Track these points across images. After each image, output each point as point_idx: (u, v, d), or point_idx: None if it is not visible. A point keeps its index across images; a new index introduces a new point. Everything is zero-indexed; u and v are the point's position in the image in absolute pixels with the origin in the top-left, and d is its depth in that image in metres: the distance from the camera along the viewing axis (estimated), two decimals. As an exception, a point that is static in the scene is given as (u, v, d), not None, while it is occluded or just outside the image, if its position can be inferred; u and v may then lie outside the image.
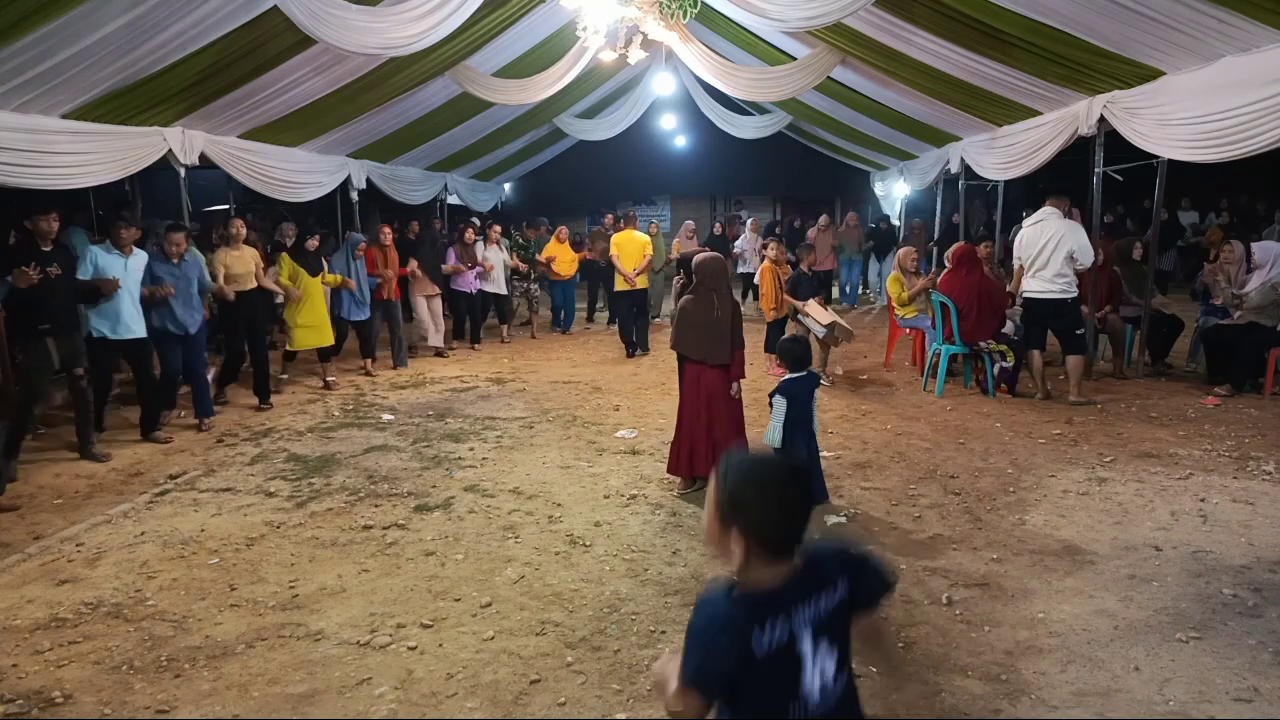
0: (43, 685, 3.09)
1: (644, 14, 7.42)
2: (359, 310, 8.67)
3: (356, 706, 2.94)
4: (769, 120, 13.61)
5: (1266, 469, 5.17)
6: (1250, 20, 4.74)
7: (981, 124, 9.27)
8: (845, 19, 6.45)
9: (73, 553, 4.31)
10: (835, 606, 1.56)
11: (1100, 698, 2.90)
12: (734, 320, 4.89)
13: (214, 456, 5.99)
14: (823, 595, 1.55)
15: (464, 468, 5.64)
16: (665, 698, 1.56)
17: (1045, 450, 5.73)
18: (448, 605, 3.68)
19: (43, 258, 5.43)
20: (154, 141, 6.68)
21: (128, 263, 6.03)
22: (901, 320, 8.39)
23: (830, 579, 1.57)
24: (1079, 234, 6.88)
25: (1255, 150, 5.12)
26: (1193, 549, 4.08)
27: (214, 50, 5.82)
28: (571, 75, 8.99)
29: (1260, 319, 6.98)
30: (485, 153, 13.42)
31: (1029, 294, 7.02)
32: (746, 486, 1.54)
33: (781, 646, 1.49)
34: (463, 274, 10.07)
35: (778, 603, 1.51)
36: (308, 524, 4.66)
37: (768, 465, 1.60)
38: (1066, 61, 6.48)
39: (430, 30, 6.08)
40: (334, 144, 9.51)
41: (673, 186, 23.18)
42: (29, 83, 5.10)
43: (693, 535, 4.41)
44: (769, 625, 1.49)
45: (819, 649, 1.53)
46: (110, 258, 5.93)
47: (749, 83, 9.65)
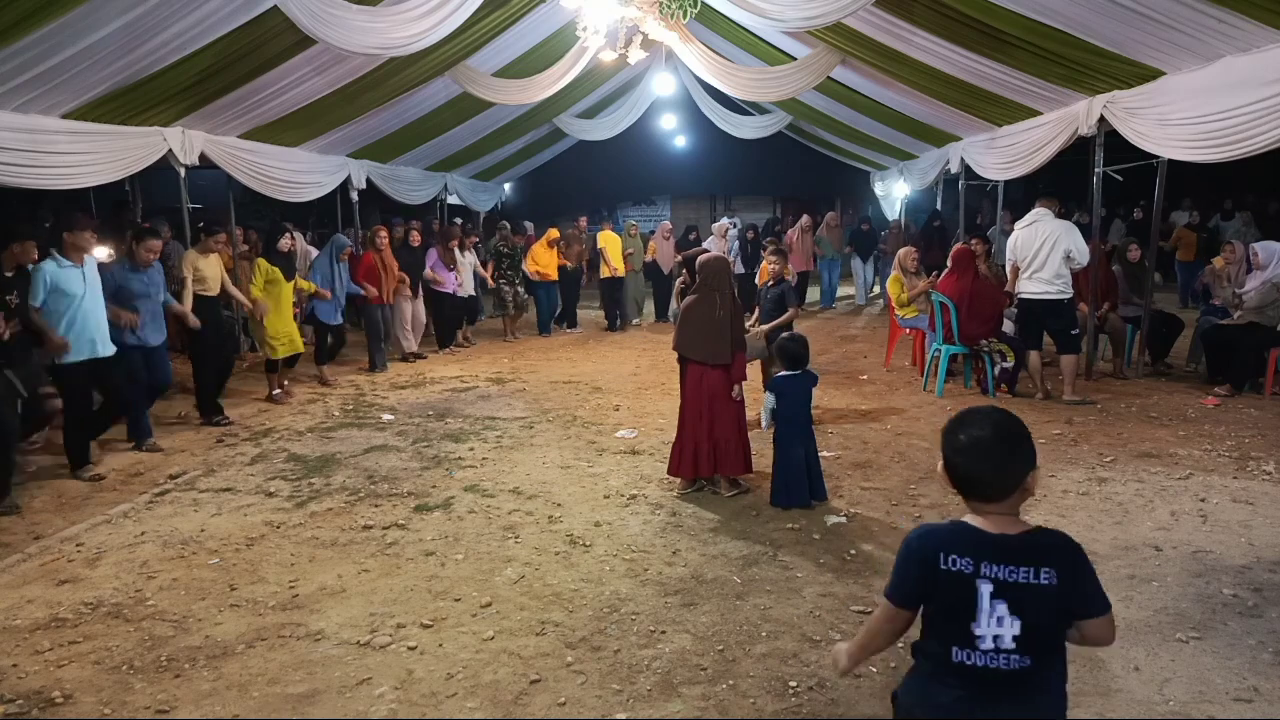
0: (43, 685, 3.09)
1: (644, 14, 7.43)
2: (334, 314, 8.41)
3: (356, 706, 2.94)
4: (769, 120, 13.62)
5: (1266, 469, 5.17)
6: (1250, 20, 4.74)
7: (981, 124, 9.27)
8: (845, 19, 6.46)
9: (73, 553, 4.31)
10: (1032, 585, 1.63)
11: (1100, 698, 2.90)
12: (735, 321, 4.89)
13: (214, 456, 5.99)
14: (1021, 568, 1.64)
15: (464, 468, 5.64)
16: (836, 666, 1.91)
17: (1045, 450, 5.72)
18: (448, 605, 3.67)
19: (3, 284, 4.97)
20: (154, 141, 6.68)
21: (84, 274, 5.34)
22: (901, 320, 8.39)
23: (1038, 561, 1.64)
24: (1074, 234, 6.88)
25: (1255, 150, 5.12)
26: (1193, 549, 4.08)
27: (214, 50, 5.82)
28: (571, 75, 8.99)
29: (1260, 319, 6.98)
30: (485, 153, 13.43)
31: (1026, 295, 7.02)
32: (946, 431, 1.74)
33: (961, 575, 1.66)
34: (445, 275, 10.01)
35: (975, 542, 1.67)
36: (308, 524, 4.66)
37: (969, 414, 1.74)
38: (1066, 61, 6.48)
39: (430, 30, 6.08)
40: (334, 144, 9.52)
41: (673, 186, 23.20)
42: (29, 83, 5.11)
43: (693, 535, 4.41)
44: (954, 557, 1.66)
45: (995, 608, 1.63)
46: (65, 272, 5.23)
47: (749, 83, 9.66)
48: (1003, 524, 1.69)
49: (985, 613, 1.64)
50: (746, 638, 3.34)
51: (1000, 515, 1.69)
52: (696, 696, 2.96)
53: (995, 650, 1.64)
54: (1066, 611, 1.67)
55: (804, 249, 13.56)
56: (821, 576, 3.86)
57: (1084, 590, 1.67)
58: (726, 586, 3.80)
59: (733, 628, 3.42)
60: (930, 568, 1.68)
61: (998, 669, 1.64)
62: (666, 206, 23.71)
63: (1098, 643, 1.75)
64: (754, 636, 3.36)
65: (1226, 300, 7.50)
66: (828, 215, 14.88)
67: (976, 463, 1.68)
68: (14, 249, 5.10)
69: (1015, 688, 1.66)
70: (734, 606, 3.60)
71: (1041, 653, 1.66)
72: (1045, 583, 1.63)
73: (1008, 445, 1.68)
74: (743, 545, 4.25)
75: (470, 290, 10.66)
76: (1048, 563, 1.64)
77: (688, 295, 5.06)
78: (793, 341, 4.93)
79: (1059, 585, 1.64)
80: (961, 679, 1.67)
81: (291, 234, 7.79)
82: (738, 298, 5.01)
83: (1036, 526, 1.71)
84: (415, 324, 9.89)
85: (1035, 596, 1.63)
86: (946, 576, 1.67)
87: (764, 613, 3.55)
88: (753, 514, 4.68)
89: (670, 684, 3.04)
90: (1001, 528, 1.68)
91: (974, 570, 1.65)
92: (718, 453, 4.88)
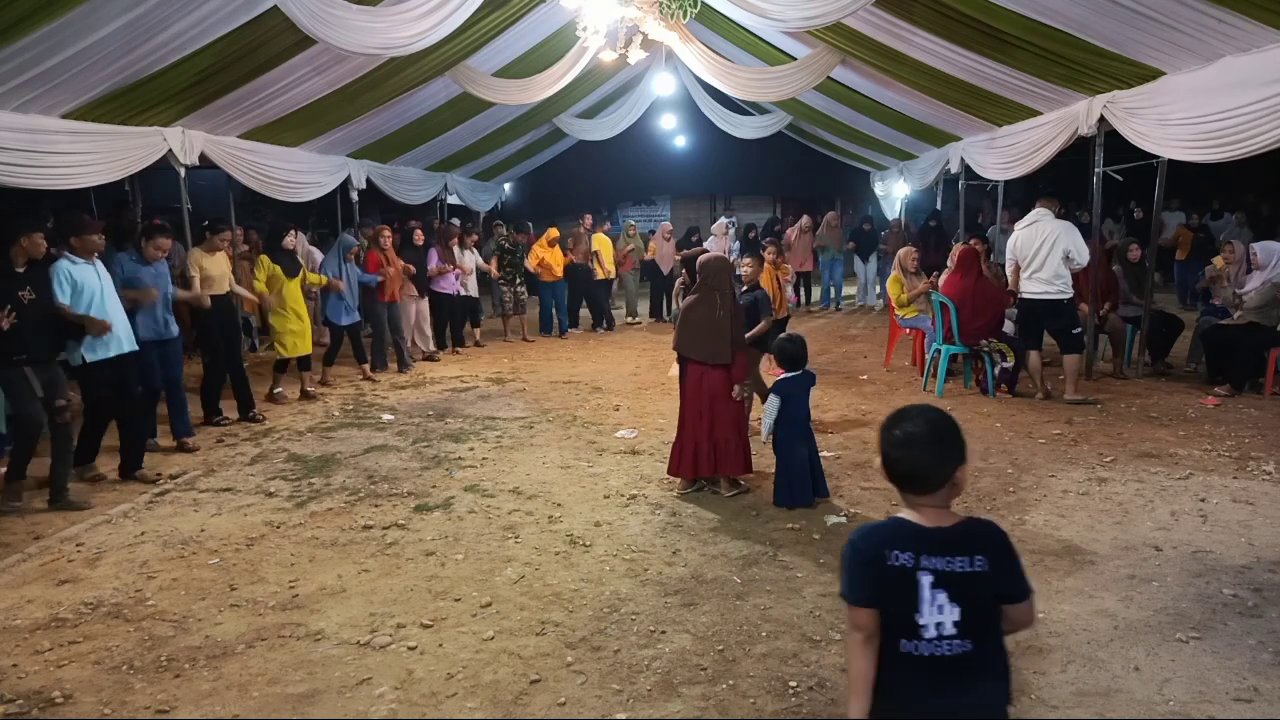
0: (43, 685, 3.09)
1: (644, 14, 7.42)
2: (348, 315, 8.42)
3: (356, 706, 2.94)
4: (769, 120, 13.61)
5: (1266, 469, 5.17)
6: (1250, 20, 4.74)
7: (981, 124, 9.27)
8: (845, 19, 6.46)
9: (73, 553, 4.31)
10: (964, 573, 1.74)
11: (1100, 698, 2.90)
12: (735, 321, 4.89)
13: (214, 456, 5.99)
14: (957, 557, 1.74)
15: (464, 468, 5.64)
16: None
17: (1045, 450, 5.72)
18: (448, 605, 3.68)
19: (14, 279, 4.94)
20: (154, 141, 6.67)
21: (97, 270, 5.39)
22: (901, 320, 8.39)
23: (972, 550, 1.75)
24: (1074, 234, 6.88)
25: (1255, 150, 5.12)
26: (1193, 549, 4.08)
27: (214, 50, 5.81)
28: (571, 75, 8.99)
29: (1260, 319, 6.98)
30: (485, 153, 13.42)
31: (1026, 295, 7.02)
32: (885, 428, 1.84)
33: (905, 571, 1.74)
34: (445, 275, 10.01)
35: (913, 537, 1.77)
36: (308, 524, 4.66)
37: (906, 412, 1.84)
38: (1066, 61, 6.48)
39: (430, 30, 6.07)
40: (334, 144, 9.51)
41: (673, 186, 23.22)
42: (29, 83, 5.10)
43: (693, 535, 4.41)
44: (896, 551, 1.75)
45: (936, 597, 1.73)
46: (79, 269, 5.26)
47: (749, 83, 9.66)
48: (937, 517, 1.79)
49: (927, 603, 1.73)
50: (746, 638, 3.34)
51: (934, 508, 1.79)
52: (696, 696, 2.96)
53: (939, 638, 1.73)
54: (998, 595, 1.77)
55: (803, 249, 13.57)
56: (821, 576, 3.86)
57: (1012, 575, 1.78)
58: (726, 586, 3.80)
59: (733, 628, 3.42)
60: (879, 565, 1.76)
61: (943, 656, 1.73)
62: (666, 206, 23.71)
63: (1020, 626, 1.84)
64: (754, 636, 3.36)
65: (1227, 300, 7.50)
66: (828, 215, 14.85)
67: (913, 457, 1.78)
68: (22, 243, 5.04)
69: (961, 672, 1.74)
70: (734, 606, 3.60)
71: (981, 635, 1.75)
72: (980, 569, 1.74)
73: (941, 441, 1.78)
74: (743, 545, 4.25)
75: (474, 291, 10.67)
76: (980, 550, 1.75)
77: (688, 295, 5.07)
78: (791, 342, 4.93)
79: (991, 571, 1.74)
80: (911, 670, 1.75)
81: (295, 231, 7.80)
82: (738, 298, 5.01)
83: (967, 516, 1.81)
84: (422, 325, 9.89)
85: (972, 583, 1.73)
86: (891, 572, 1.75)
87: (764, 613, 3.55)
88: (753, 514, 4.69)
89: (670, 684, 3.04)
90: (936, 520, 1.78)
91: (915, 564, 1.74)
92: (718, 453, 4.88)
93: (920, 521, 1.79)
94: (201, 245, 6.95)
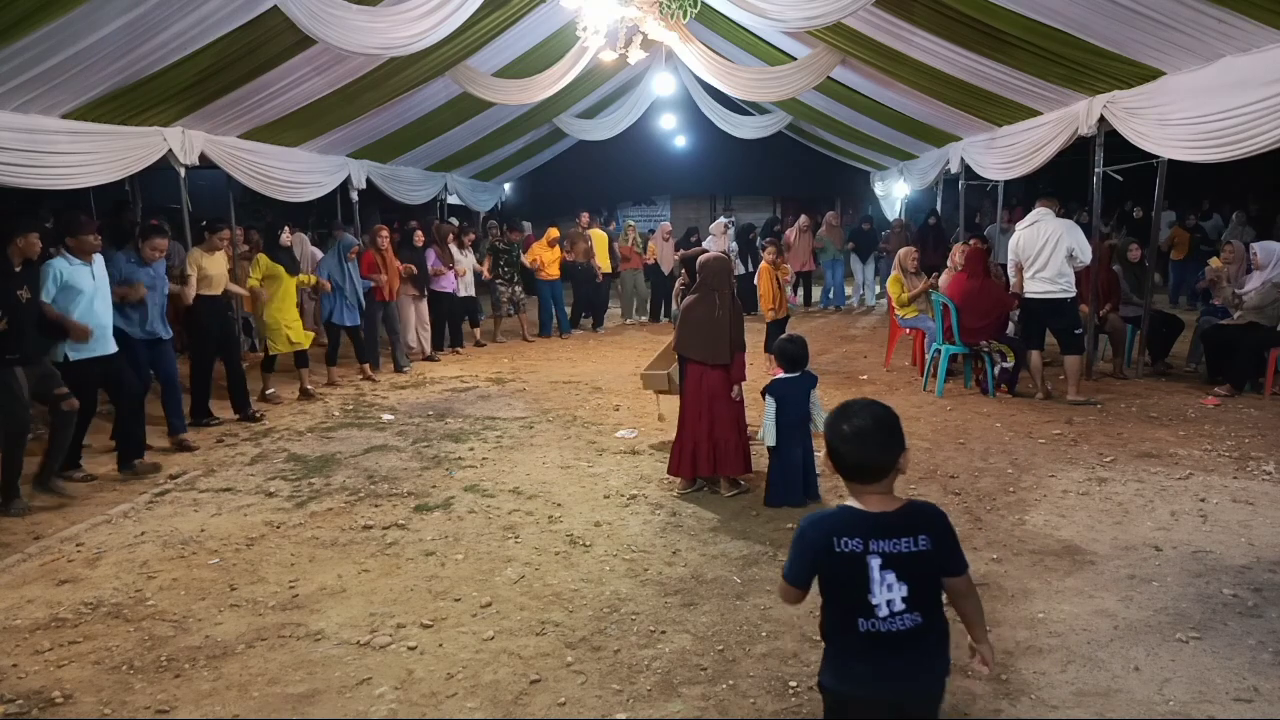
0: (43, 685, 3.09)
1: (644, 14, 7.43)
2: (350, 314, 8.41)
3: (356, 706, 2.94)
4: (769, 120, 13.61)
5: (1266, 469, 5.17)
6: (1250, 20, 4.74)
7: (981, 124, 9.27)
8: (845, 19, 6.46)
9: (73, 553, 4.31)
10: (909, 553, 1.89)
11: (1100, 698, 2.90)
12: (734, 321, 4.88)
13: (214, 456, 5.99)
14: (902, 539, 1.89)
15: (464, 468, 5.64)
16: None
17: (1045, 450, 5.72)
18: (448, 605, 3.68)
19: (11, 279, 4.94)
20: (154, 141, 6.67)
21: (93, 271, 5.39)
22: (901, 320, 8.39)
23: (915, 530, 1.91)
24: (1076, 233, 6.89)
25: (1255, 150, 5.12)
26: (1193, 549, 4.08)
27: (214, 50, 5.81)
28: (571, 75, 8.99)
29: (1260, 319, 6.98)
30: (485, 153, 13.42)
31: (1031, 295, 7.01)
32: (831, 424, 1.96)
33: (853, 555, 1.89)
34: (443, 275, 10.00)
35: (860, 523, 1.91)
36: (308, 524, 4.66)
37: (850, 407, 1.97)
38: (1066, 61, 6.48)
39: (430, 30, 6.08)
40: (334, 144, 9.51)
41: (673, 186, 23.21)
42: (29, 83, 5.10)
43: (693, 535, 4.41)
44: (844, 538, 1.90)
45: (885, 577, 1.88)
46: (75, 269, 5.28)
47: (749, 83, 9.66)
48: (882, 503, 1.94)
49: (877, 583, 1.88)
50: (746, 638, 3.34)
51: (878, 495, 1.94)
52: (696, 696, 2.96)
53: (891, 614, 1.89)
54: (940, 569, 1.95)
55: (802, 249, 13.57)
56: (821, 576, 3.86)
57: (951, 551, 1.96)
58: (726, 586, 3.80)
59: (733, 628, 3.42)
60: (825, 551, 1.91)
61: (896, 630, 1.89)
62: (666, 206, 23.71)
63: (961, 597, 2.00)
64: (754, 636, 3.36)
65: (1226, 300, 7.50)
66: (828, 215, 14.85)
67: (860, 449, 1.92)
68: (18, 242, 5.05)
69: (914, 643, 1.91)
70: (734, 606, 3.60)
71: (928, 608, 1.92)
72: (923, 548, 1.90)
73: (886, 432, 1.92)
74: (743, 545, 4.25)
75: (471, 290, 10.67)
76: (923, 530, 1.92)
77: (687, 295, 5.06)
78: (791, 343, 4.92)
79: (933, 549, 1.91)
80: (871, 646, 1.91)
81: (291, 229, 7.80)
82: (737, 298, 5.01)
83: (908, 500, 1.96)
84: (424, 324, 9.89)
85: (916, 561, 1.90)
86: (840, 558, 1.90)
87: (764, 613, 3.55)
88: (753, 514, 4.69)
89: (670, 684, 3.04)
90: (881, 506, 1.93)
91: (863, 548, 1.89)
92: (717, 453, 4.88)
93: (866, 509, 1.93)
94: (201, 245, 6.96)
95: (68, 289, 5.26)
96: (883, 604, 1.88)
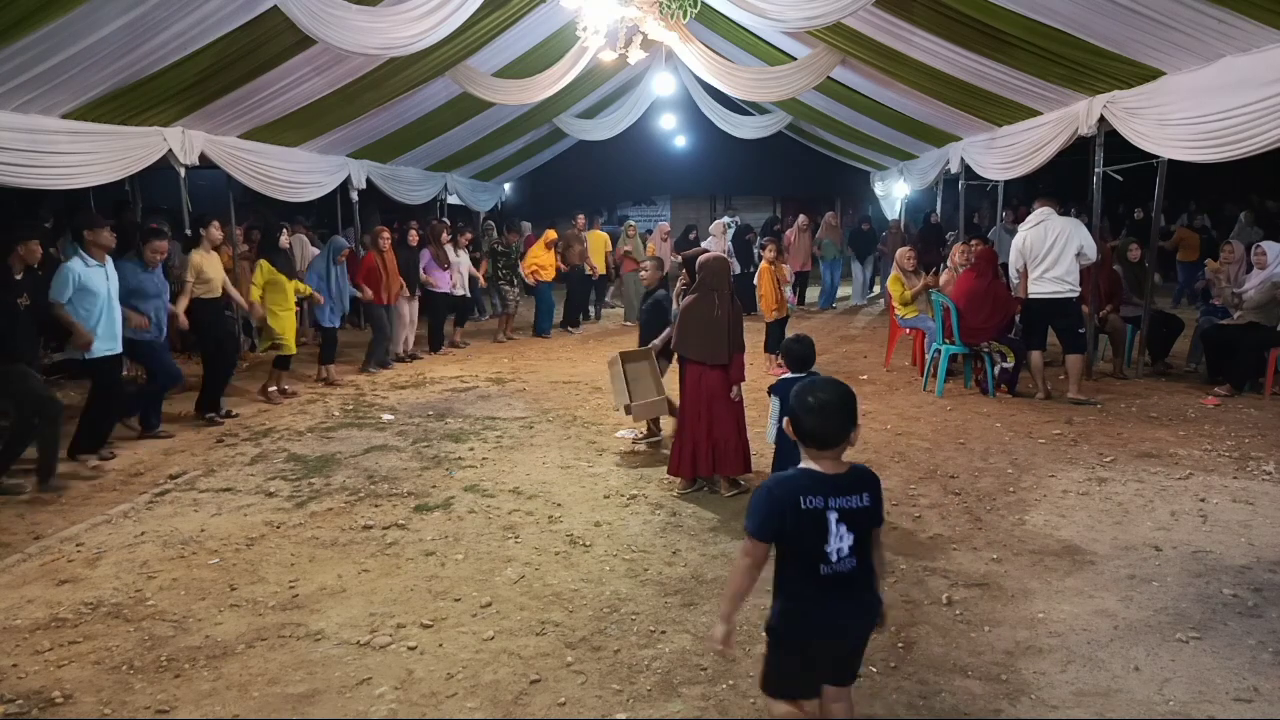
0: (43, 685, 3.09)
1: (644, 14, 7.43)
2: (332, 316, 8.37)
3: (356, 706, 2.94)
4: (769, 120, 13.61)
5: (1266, 469, 5.17)
6: (1250, 20, 4.74)
7: (981, 124, 9.27)
8: (845, 19, 6.46)
9: (73, 553, 4.31)
10: (857, 508, 2.25)
11: (1100, 698, 2.90)
12: (733, 321, 4.88)
13: (214, 456, 5.99)
14: (851, 495, 2.24)
15: (464, 468, 5.64)
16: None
17: (1045, 450, 5.72)
18: (448, 605, 3.67)
19: (12, 286, 5.07)
20: (154, 141, 6.68)
21: (106, 272, 5.59)
22: (901, 320, 8.39)
23: (858, 488, 2.27)
24: (1083, 231, 6.89)
25: (1255, 150, 5.12)
26: (1193, 549, 4.08)
27: (214, 50, 5.82)
28: (571, 75, 8.99)
29: (1260, 318, 6.98)
30: (485, 153, 13.43)
31: (1037, 295, 6.98)
32: (799, 395, 2.26)
33: (816, 510, 2.21)
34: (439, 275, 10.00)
35: (821, 483, 2.23)
36: (308, 524, 4.66)
37: (815, 384, 2.28)
38: (1066, 61, 6.48)
39: (430, 30, 6.08)
40: (334, 144, 9.52)
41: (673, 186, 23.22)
42: (29, 83, 5.11)
43: (693, 535, 4.41)
44: (809, 496, 2.21)
45: (839, 529, 2.22)
46: (90, 271, 5.46)
47: (749, 83, 9.66)
48: (835, 466, 2.27)
49: (833, 534, 2.22)
50: (746, 638, 3.33)
51: (832, 460, 2.26)
52: (696, 696, 2.96)
53: (839, 559, 2.23)
54: (873, 521, 2.30)
55: (802, 249, 13.56)
56: (821, 576, 3.86)
57: (881, 507, 2.32)
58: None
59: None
60: (793, 508, 2.20)
61: (844, 572, 2.24)
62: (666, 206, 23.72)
63: (878, 544, 2.36)
64: (754, 636, 3.35)
65: (1226, 300, 7.50)
66: (826, 215, 14.84)
67: (825, 421, 2.22)
68: (19, 250, 5.14)
69: (855, 582, 2.27)
70: (734, 606, 3.60)
71: (863, 554, 2.28)
72: (865, 504, 2.26)
73: (847, 408, 2.24)
74: (743, 545, 4.25)
75: (464, 290, 10.66)
76: (864, 489, 2.27)
77: (686, 295, 5.06)
78: (799, 343, 4.88)
79: (871, 505, 2.28)
80: (826, 587, 2.25)
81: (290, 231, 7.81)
82: (736, 298, 5.01)
83: (851, 464, 2.29)
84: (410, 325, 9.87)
85: (860, 514, 2.25)
86: (806, 513, 2.20)
87: (764, 613, 3.53)
88: (753, 514, 4.68)
89: (670, 684, 3.04)
90: (835, 469, 2.26)
91: (824, 504, 2.21)
92: (716, 453, 4.88)
93: (824, 470, 2.25)
94: (200, 247, 6.93)
95: (83, 291, 5.42)
96: (834, 551, 2.22)
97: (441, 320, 10.30)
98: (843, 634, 2.33)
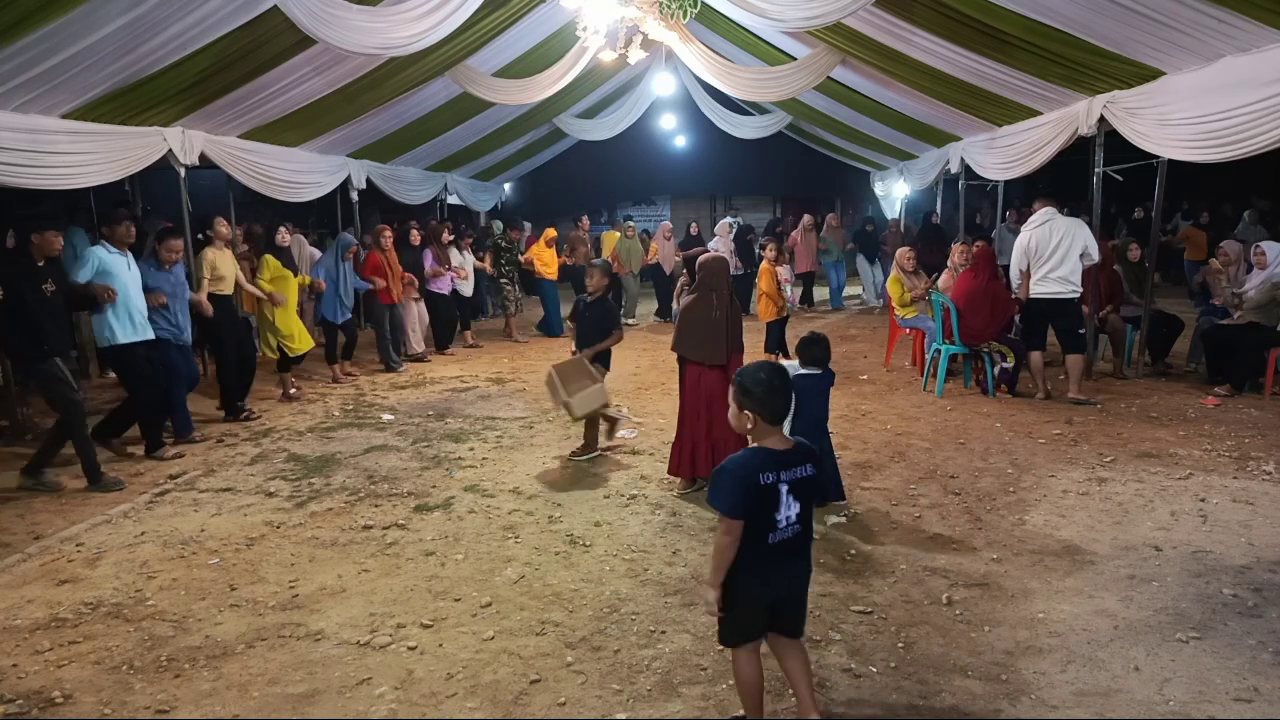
0: (43, 685, 3.09)
1: (644, 14, 7.43)
2: (342, 312, 8.44)
3: (356, 706, 2.94)
4: (769, 120, 13.61)
5: (1266, 469, 5.17)
6: (1250, 20, 4.74)
7: (981, 124, 9.27)
8: (845, 19, 6.45)
9: (73, 553, 4.31)
10: (802, 479, 2.52)
11: (1100, 698, 2.90)
12: (731, 321, 4.87)
13: (214, 456, 5.99)
14: (797, 468, 2.52)
15: (464, 468, 5.64)
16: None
17: (1045, 450, 5.72)
18: (448, 605, 3.68)
19: (37, 273, 5.18)
20: (154, 141, 6.67)
21: (128, 261, 5.77)
22: (901, 320, 8.39)
23: (804, 460, 2.54)
24: (1085, 231, 6.89)
25: (1255, 150, 5.12)
26: (1193, 549, 4.08)
27: (214, 50, 5.82)
28: (571, 75, 8.99)
29: (1260, 318, 6.98)
30: (485, 153, 13.42)
31: (1040, 295, 6.96)
32: (752, 376, 2.53)
33: (771, 485, 2.47)
34: (440, 276, 9.99)
35: (773, 460, 2.49)
36: (308, 524, 4.66)
37: (762, 368, 2.56)
38: (1066, 61, 6.48)
39: (430, 30, 6.08)
40: (334, 144, 9.51)
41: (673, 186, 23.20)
42: (29, 83, 5.10)
43: (693, 535, 4.41)
44: (766, 473, 2.46)
45: (788, 498, 2.49)
46: (112, 257, 5.65)
47: (749, 83, 9.66)
48: (782, 442, 2.53)
49: (784, 505, 2.48)
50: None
51: (779, 436, 2.53)
52: (696, 696, 2.96)
53: (786, 525, 2.50)
54: (816, 491, 2.60)
55: (807, 249, 13.55)
56: (821, 576, 3.86)
57: (823, 475, 2.69)
58: (726, 586, 3.80)
59: (733, 628, 3.41)
60: (754, 485, 2.44)
61: (789, 538, 2.52)
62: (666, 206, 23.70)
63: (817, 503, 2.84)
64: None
65: (1226, 300, 7.50)
66: (828, 216, 14.84)
67: (777, 398, 2.50)
68: (35, 241, 5.22)
69: (798, 547, 2.56)
70: (734, 606, 3.60)
71: (805, 520, 2.56)
72: (810, 474, 2.54)
73: (790, 385, 2.54)
74: (743, 545, 4.25)
75: (470, 291, 10.66)
76: (808, 460, 2.55)
77: (685, 295, 5.05)
78: (815, 343, 4.88)
79: (815, 474, 2.56)
80: (775, 554, 2.50)
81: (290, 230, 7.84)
82: (735, 298, 5.01)
83: (796, 439, 2.56)
84: (420, 325, 9.89)
85: (806, 484, 2.53)
86: (763, 489, 2.45)
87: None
88: (753, 514, 4.68)
89: (670, 684, 3.04)
90: (783, 445, 2.53)
91: (777, 479, 2.47)
92: (716, 453, 4.87)
93: (775, 447, 2.51)
94: (212, 245, 7.03)
95: (104, 274, 5.59)
96: (783, 519, 2.48)
97: (444, 320, 10.31)
98: (787, 588, 2.59)
